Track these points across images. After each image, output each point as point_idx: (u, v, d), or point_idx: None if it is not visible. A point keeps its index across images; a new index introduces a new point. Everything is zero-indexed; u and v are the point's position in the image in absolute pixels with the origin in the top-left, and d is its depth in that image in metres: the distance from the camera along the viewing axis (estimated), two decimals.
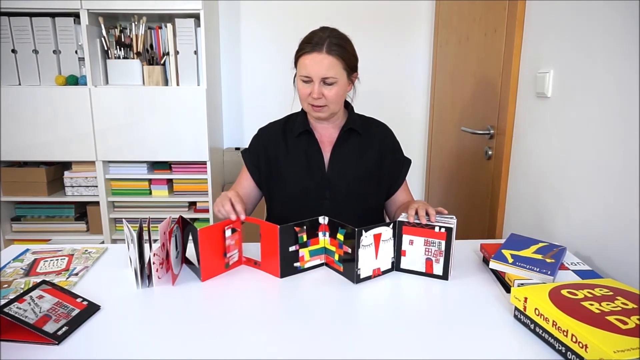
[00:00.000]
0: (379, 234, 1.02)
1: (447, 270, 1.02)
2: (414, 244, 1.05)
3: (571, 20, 1.21)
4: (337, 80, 1.19)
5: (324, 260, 1.11)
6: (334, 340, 0.80)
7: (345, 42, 1.21)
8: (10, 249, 1.20)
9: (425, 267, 1.05)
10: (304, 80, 1.20)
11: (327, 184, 1.27)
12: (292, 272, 1.06)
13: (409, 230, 1.05)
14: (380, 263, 1.04)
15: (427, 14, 2.51)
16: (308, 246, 1.07)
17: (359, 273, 1.00)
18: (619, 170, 1.02)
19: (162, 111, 2.18)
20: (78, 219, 2.37)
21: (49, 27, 2.13)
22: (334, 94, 1.20)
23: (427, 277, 1.05)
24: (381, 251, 1.03)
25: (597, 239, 1.10)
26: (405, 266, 1.07)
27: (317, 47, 1.16)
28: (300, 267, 1.07)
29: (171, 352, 0.76)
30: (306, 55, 1.18)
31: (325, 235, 1.08)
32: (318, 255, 1.09)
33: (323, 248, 1.09)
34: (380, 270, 1.05)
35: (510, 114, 1.54)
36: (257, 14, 2.49)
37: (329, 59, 1.16)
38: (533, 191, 1.42)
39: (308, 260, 1.08)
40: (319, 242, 1.09)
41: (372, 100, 2.52)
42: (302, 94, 1.22)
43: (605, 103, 1.07)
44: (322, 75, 1.17)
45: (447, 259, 1.02)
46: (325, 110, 1.23)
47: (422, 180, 2.73)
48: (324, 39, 1.17)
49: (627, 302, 0.80)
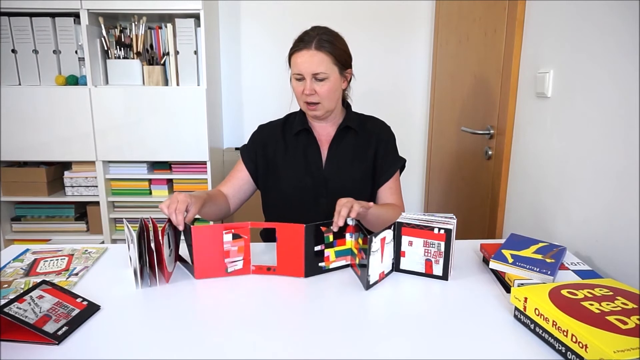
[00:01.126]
0: (384, 237, 1.01)
1: (447, 270, 1.02)
2: (413, 245, 1.05)
3: (571, 20, 1.21)
4: (328, 75, 1.20)
5: (349, 262, 1.10)
6: (333, 340, 0.80)
7: (335, 38, 1.22)
8: (10, 249, 1.20)
9: (425, 268, 1.05)
10: (297, 78, 1.22)
11: (324, 182, 1.27)
12: (317, 272, 1.05)
13: (408, 232, 1.05)
14: (384, 266, 1.04)
15: (427, 14, 2.51)
16: (334, 246, 1.06)
17: (369, 279, 0.99)
18: (619, 170, 1.02)
19: (162, 111, 2.18)
20: (78, 219, 2.37)
21: (49, 27, 2.13)
22: (326, 90, 1.20)
23: (426, 277, 1.05)
24: (385, 254, 1.03)
25: (597, 239, 1.10)
26: (404, 267, 1.07)
27: (307, 45, 1.18)
28: (326, 267, 1.06)
29: (171, 352, 0.76)
30: (297, 53, 1.20)
31: (352, 237, 1.08)
32: (344, 256, 1.09)
33: (350, 249, 1.09)
34: (384, 273, 1.05)
35: (510, 113, 1.54)
36: (257, 14, 2.49)
37: (319, 55, 1.18)
38: (533, 191, 1.42)
39: (334, 261, 1.07)
40: (346, 243, 1.08)
41: (372, 100, 2.52)
42: (297, 92, 1.23)
43: (605, 103, 1.07)
44: (313, 71, 1.18)
45: (447, 259, 1.02)
46: (320, 108, 1.23)
47: (422, 180, 2.73)
48: (313, 37, 1.19)
49: (627, 302, 0.80)
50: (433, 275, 1.04)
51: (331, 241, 1.06)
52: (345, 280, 1.04)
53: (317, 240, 1.04)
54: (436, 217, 1.07)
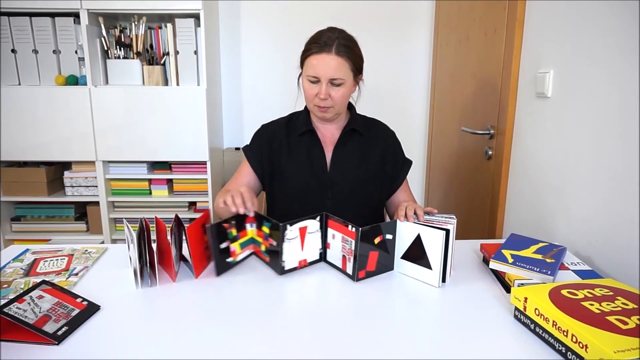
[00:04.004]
0: (305, 227, 1.04)
1: (355, 271, 1.02)
2: (335, 239, 1.06)
3: (571, 20, 1.21)
4: (345, 81, 1.19)
5: (252, 250, 1.14)
6: (333, 340, 0.80)
7: (353, 44, 1.21)
8: (10, 249, 1.20)
9: (342, 264, 1.06)
10: (312, 80, 1.19)
11: (329, 183, 1.27)
12: (227, 268, 1.07)
13: (332, 225, 1.06)
14: (307, 254, 1.07)
15: (427, 14, 2.51)
16: (238, 239, 1.09)
17: (283, 265, 1.03)
18: (619, 170, 1.02)
19: (162, 111, 2.18)
20: (78, 219, 2.37)
21: (49, 27, 2.13)
22: (341, 95, 1.20)
23: (342, 273, 1.05)
24: (308, 243, 1.06)
25: (597, 239, 1.10)
26: (329, 259, 1.10)
27: (326, 48, 1.16)
28: (233, 261, 1.09)
29: (171, 352, 0.76)
30: (314, 56, 1.17)
31: (252, 227, 1.10)
32: (247, 246, 1.12)
33: (251, 239, 1.12)
34: (307, 261, 1.08)
35: (510, 114, 1.54)
36: (257, 14, 2.49)
37: (338, 60, 1.16)
38: (533, 191, 1.42)
39: (240, 253, 1.10)
40: (247, 233, 1.11)
41: (372, 100, 2.51)
42: (309, 94, 1.22)
43: (605, 103, 1.07)
44: (331, 76, 1.17)
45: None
46: (331, 111, 1.23)
47: (422, 180, 2.73)
48: (332, 40, 1.17)
49: (627, 302, 0.80)
50: (346, 272, 1.05)
51: (235, 235, 1.07)
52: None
53: (221, 237, 1.05)
54: (436, 217, 1.07)
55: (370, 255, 1.02)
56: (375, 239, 1.02)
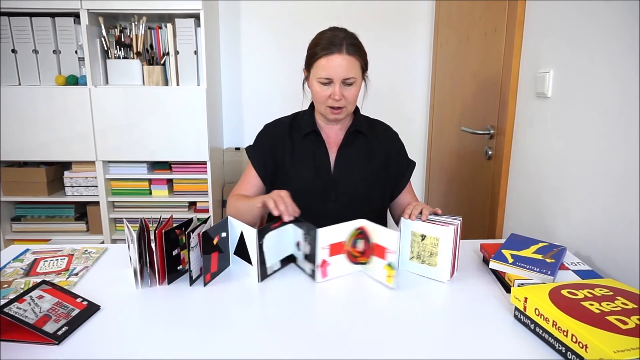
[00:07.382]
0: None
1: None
2: None
3: (571, 20, 1.21)
4: (356, 80, 1.19)
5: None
6: (333, 340, 0.80)
7: (359, 42, 1.21)
8: (10, 249, 1.20)
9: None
10: (323, 82, 1.18)
11: (333, 185, 1.26)
12: (177, 276, 1.03)
13: None
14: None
15: (427, 14, 2.51)
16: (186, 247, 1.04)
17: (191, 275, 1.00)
18: (619, 170, 1.02)
19: (162, 111, 2.18)
20: (78, 219, 2.37)
21: (49, 27, 2.13)
22: (353, 94, 1.20)
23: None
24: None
25: (597, 239, 1.10)
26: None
27: (336, 48, 1.15)
28: (183, 268, 1.05)
29: (171, 352, 0.76)
30: (327, 57, 1.16)
31: None
32: None
33: None
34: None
35: (510, 114, 1.54)
36: (257, 14, 2.49)
37: (349, 60, 1.16)
38: (533, 191, 1.42)
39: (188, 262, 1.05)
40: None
41: (372, 100, 2.49)
42: (321, 96, 1.20)
43: (605, 103, 1.07)
44: (344, 76, 1.16)
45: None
46: (344, 112, 1.23)
47: (422, 180, 2.73)
48: (341, 39, 1.16)
49: (627, 302, 0.80)
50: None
51: (184, 242, 1.02)
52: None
53: (173, 245, 1.01)
54: (442, 218, 1.07)
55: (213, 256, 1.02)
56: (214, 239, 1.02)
